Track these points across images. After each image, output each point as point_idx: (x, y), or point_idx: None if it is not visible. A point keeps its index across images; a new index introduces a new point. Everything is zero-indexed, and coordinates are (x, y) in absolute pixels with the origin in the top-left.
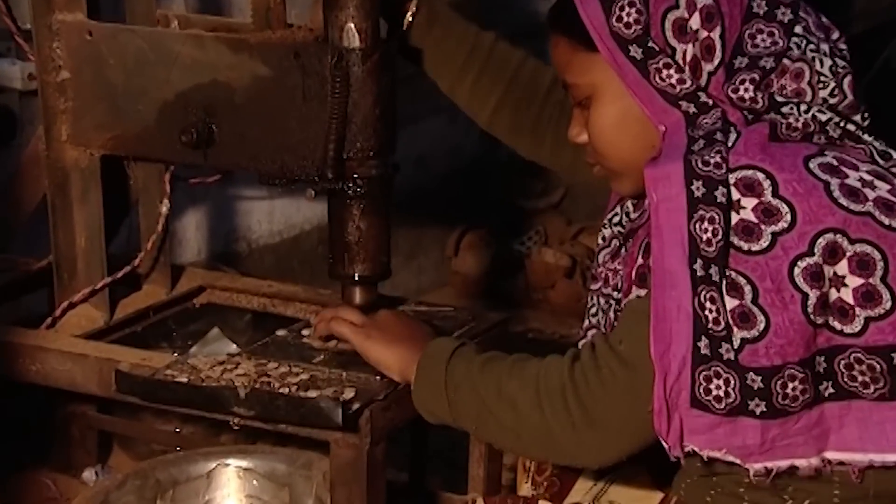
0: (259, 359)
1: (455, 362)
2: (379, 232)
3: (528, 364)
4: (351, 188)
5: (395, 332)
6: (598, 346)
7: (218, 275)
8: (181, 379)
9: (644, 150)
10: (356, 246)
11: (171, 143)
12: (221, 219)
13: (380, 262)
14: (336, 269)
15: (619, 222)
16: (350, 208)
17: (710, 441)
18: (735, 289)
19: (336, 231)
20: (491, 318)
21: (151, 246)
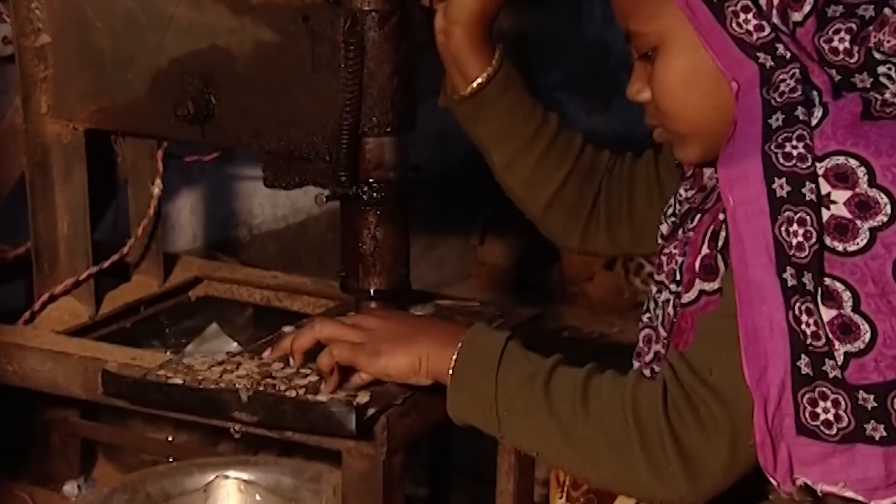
0: (262, 358)
1: (508, 372)
2: (397, 242)
3: (606, 387)
4: (366, 193)
5: (397, 331)
6: (682, 375)
7: (216, 265)
8: (175, 380)
9: (715, 110)
10: (372, 257)
11: (165, 117)
12: (220, 202)
13: (398, 274)
14: (349, 283)
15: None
16: (365, 215)
17: (825, 473)
18: (831, 297)
19: (349, 241)
20: (521, 314)
21: (142, 232)
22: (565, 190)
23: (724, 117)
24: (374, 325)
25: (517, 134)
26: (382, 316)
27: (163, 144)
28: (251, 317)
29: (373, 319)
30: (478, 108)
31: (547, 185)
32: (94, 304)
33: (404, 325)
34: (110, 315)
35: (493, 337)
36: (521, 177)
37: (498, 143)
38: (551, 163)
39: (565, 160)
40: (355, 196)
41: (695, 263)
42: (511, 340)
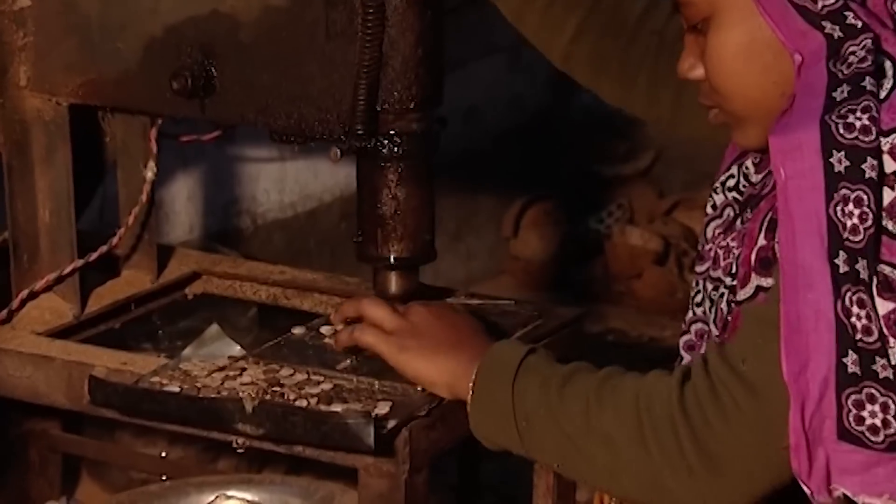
0: (269, 363)
1: (524, 380)
2: (421, 202)
3: (623, 384)
4: (386, 146)
5: (437, 335)
6: (713, 365)
7: (216, 258)
8: (171, 388)
9: (776, 87)
10: (392, 220)
11: (159, 91)
12: (220, 187)
13: (421, 240)
14: (366, 249)
15: (734, 186)
16: (385, 172)
17: (867, 484)
18: (889, 288)
19: (367, 201)
20: (561, 314)
21: (132, 221)
22: (585, 36)
23: (786, 94)
24: (417, 319)
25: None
26: (433, 313)
27: (156, 122)
28: (255, 317)
29: (419, 313)
30: None
31: (560, 31)
32: (78, 302)
33: (446, 331)
34: (97, 314)
35: (513, 349)
36: (531, 25)
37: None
38: (561, 5)
39: (576, 9)
40: (374, 150)
41: (750, 256)
42: (533, 352)
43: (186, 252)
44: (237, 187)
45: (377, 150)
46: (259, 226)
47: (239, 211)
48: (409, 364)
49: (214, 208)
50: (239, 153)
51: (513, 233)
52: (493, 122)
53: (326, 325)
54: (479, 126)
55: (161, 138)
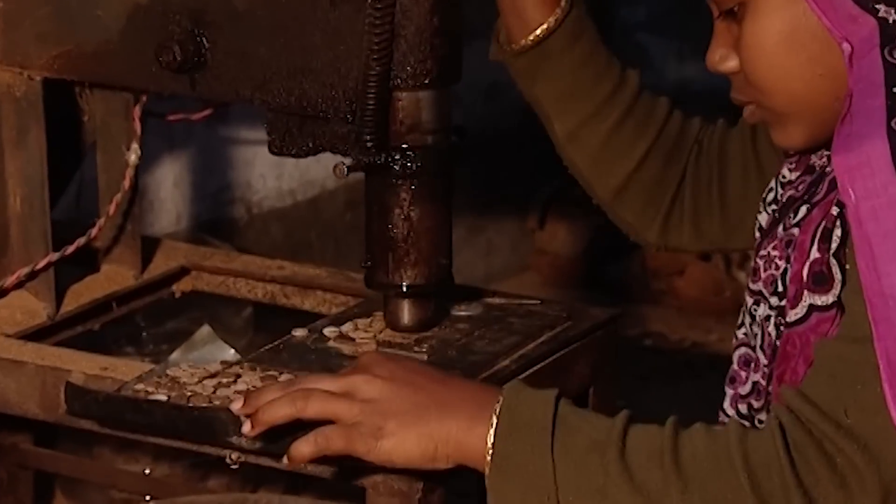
0: (267, 369)
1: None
2: (437, 224)
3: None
4: (399, 162)
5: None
6: (809, 421)
7: (207, 251)
8: (158, 396)
9: (822, 80)
10: (404, 244)
11: (143, 65)
12: (211, 172)
13: (437, 265)
14: (376, 276)
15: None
16: (397, 190)
17: None
18: None
19: (376, 222)
20: (593, 315)
21: (114, 210)
22: (643, 170)
23: (833, 88)
24: (375, 394)
25: (586, 97)
26: (385, 375)
27: (141, 99)
28: (251, 317)
29: (372, 384)
30: (539, 63)
31: (621, 162)
32: (53, 301)
33: (415, 390)
34: (74, 314)
35: (537, 400)
36: (588, 151)
37: (562, 107)
38: (627, 135)
39: (646, 132)
40: (384, 166)
41: (802, 271)
42: (561, 401)
43: (174, 245)
44: (230, 172)
45: (388, 165)
46: (254, 215)
47: (232, 199)
48: (395, 451)
49: (205, 196)
50: (232, 134)
51: (539, 224)
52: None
53: (331, 326)
54: (503, 104)
55: (146, 117)
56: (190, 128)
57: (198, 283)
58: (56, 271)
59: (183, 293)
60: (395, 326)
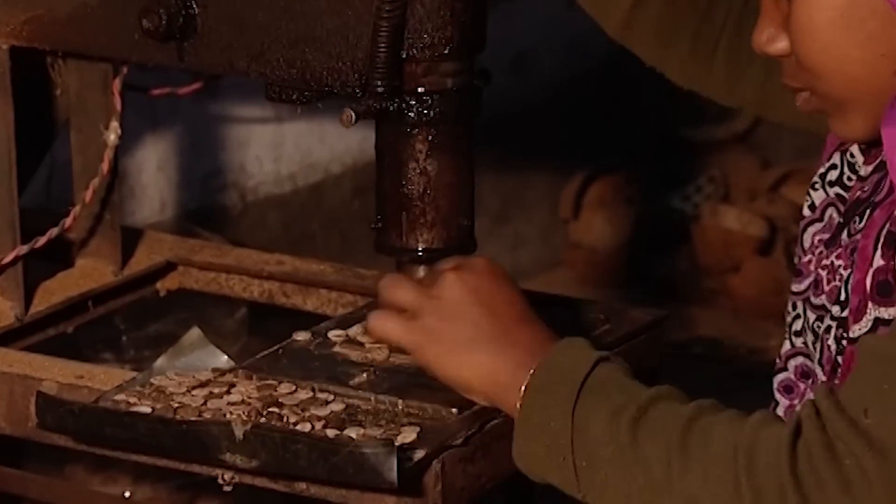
0: (264, 378)
1: (589, 404)
2: (457, 178)
3: (717, 429)
4: (414, 108)
5: (477, 320)
6: (827, 416)
7: (195, 244)
8: (141, 408)
9: (885, 61)
10: (421, 201)
11: (124, 32)
12: (200, 154)
13: (457, 226)
14: (387, 238)
15: (838, 180)
16: (412, 141)
17: None
18: None
19: (389, 177)
20: (634, 318)
21: (90, 197)
22: (647, 6)
23: None
24: (449, 295)
25: None
26: (472, 284)
27: (121, 71)
28: (246, 319)
29: (454, 286)
30: None
31: None
32: (22, 300)
33: (486, 314)
34: (46, 315)
35: (578, 355)
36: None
37: None
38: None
39: None
40: (398, 112)
41: (865, 280)
42: (605, 362)
43: (158, 236)
44: (222, 154)
45: (402, 112)
46: (249, 203)
47: (224, 184)
48: (438, 360)
49: (193, 181)
50: (224, 111)
51: (573, 214)
52: (549, 71)
53: (337, 329)
54: (531, 77)
55: (126, 92)
56: (176, 104)
57: (185, 279)
58: (25, 266)
59: (168, 291)
60: None
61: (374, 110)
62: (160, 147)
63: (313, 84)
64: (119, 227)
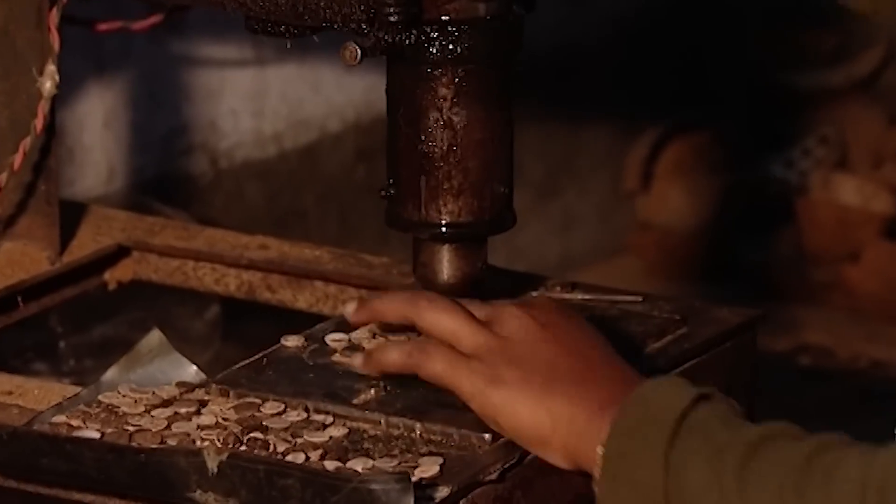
0: (243, 395)
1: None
2: (491, 134)
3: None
4: (436, 42)
5: (550, 361)
6: None
7: (154, 223)
8: (87, 433)
9: None
10: (444, 162)
11: None
12: (159, 107)
13: (492, 194)
14: (401, 210)
15: None
16: (433, 85)
17: None
18: None
19: (403, 131)
20: (719, 319)
21: (20, 162)
22: None
23: None
24: (514, 332)
25: None
26: (541, 319)
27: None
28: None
29: (519, 321)
30: None
31: None
32: None
33: (560, 351)
34: None
35: (672, 392)
36: None
37: None
38: None
39: None
40: (416, 47)
41: None
42: (705, 401)
43: (106, 213)
44: (186, 107)
45: (421, 47)
46: (223, 171)
47: (189, 146)
48: (504, 410)
49: (150, 141)
50: (190, 51)
51: (641, 185)
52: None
53: (336, 332)
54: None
55: (66, 25)
56: (128, 42)
57: (141, 269)
58: None
59: (120, 284)
60: (430, 285)
61: (385, 45)
62: (108, 98)
63: (308, 19)
64: (56, 200)
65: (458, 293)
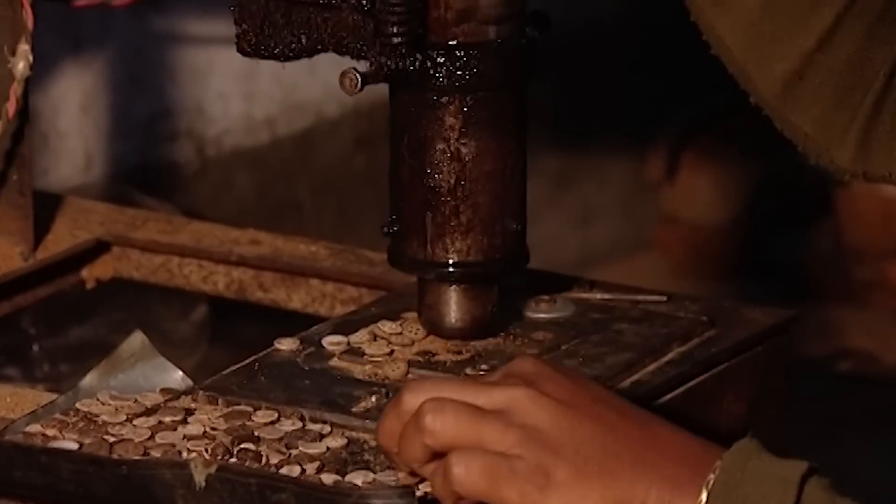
0: (233, 402)
1: None
2: (502, 164)
3: None
4: (444, 68)
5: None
6: None
7: (136, 215)
8: (64, 444)
9: None
10: (451, 197)
11: None
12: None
13: (502, 232)
14: (405, 248)
15: None
16: (440, 113)
17: None
18: None
19: (408, 163)
20: (751, 321)
21: None
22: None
23: None
24: (543, 421)
25: None
26: (561, 396)
27: None
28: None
29: (541, 404)
30: None
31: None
32: None
33: (603, 428)
34: None
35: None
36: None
37: None
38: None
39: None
40: (421, 73)
41: None
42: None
43: (83, 205)
44: (171, 90)
45: (427, 73)
46: (210, 158)
47: (174, 131)
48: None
49: (131, 127)
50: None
51: (665, 174)
52: None
53: (334, 335)
54: None
55: (40, 2)
56: (108, 19)
57: (122, 265)
58: None
59: (99, 282)
60: (436, 329)
61: (388, 71)
62: (86, 80)
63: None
64: (30, 191)
65: (467, 337)
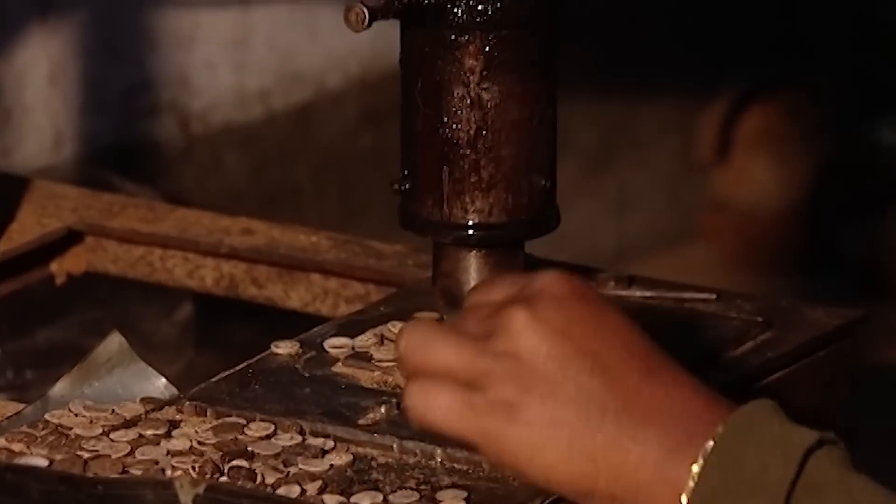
0: (224, 413)
1: None
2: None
3: None
4: (462, 2)
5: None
6: None
7: (112, 201)
8: (32, 460)
9: None
10: (471, 150)
11: None
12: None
13: (530, 188)
14: (418, 207)
15: None
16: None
17: None
18: None
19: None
20: (813, 322)
21: None
22: None
23: None
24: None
25: None
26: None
27: None
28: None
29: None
30: None
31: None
32: None
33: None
34: None
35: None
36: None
37: None
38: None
39: None
40: (437, 6)
41: None
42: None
43: (52, 189)
44: (151, 58)
45: (443, 7)
46: (196, 137)
47: (156, 106)
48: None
49: (106, 101)
50: None
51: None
52: None
53: (337, 337)
54: None
55: None
56: None
57: (96, 258)
58: None
59: (70, 277)
60: (453, 300)
61: (400, 5)
62: (54, 47)
63: None
64: None
65: None
